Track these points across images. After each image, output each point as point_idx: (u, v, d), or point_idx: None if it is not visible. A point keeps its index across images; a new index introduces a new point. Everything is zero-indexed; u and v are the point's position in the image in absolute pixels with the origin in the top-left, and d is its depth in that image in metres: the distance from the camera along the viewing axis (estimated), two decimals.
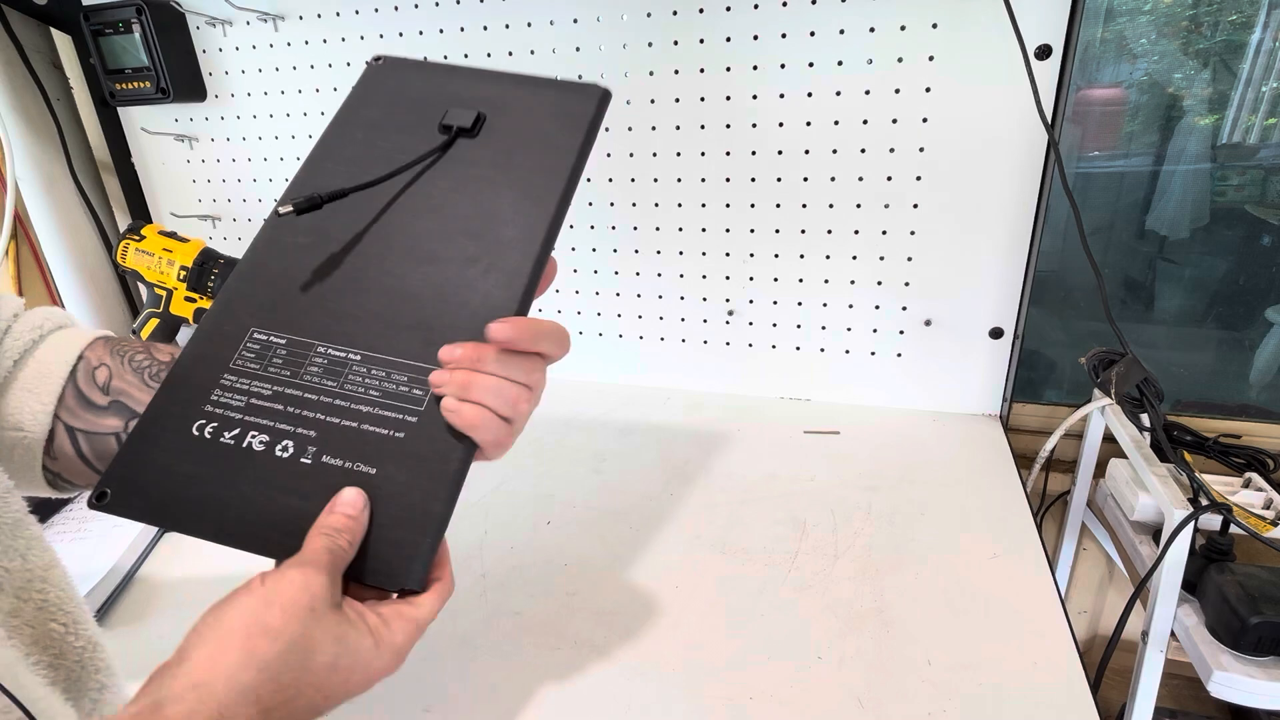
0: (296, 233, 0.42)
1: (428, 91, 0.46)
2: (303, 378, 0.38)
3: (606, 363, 0.92)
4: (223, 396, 0.37)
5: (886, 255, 0.77)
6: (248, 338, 0.39)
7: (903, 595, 0.54)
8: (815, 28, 0.71)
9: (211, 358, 0.39)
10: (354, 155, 0.44)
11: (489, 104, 0.45)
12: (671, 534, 0.62)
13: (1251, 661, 0.56)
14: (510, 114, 0.44)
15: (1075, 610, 0.95)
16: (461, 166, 0.43)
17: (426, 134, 0.44)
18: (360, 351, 0.38)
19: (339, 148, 0.45)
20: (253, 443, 0.36)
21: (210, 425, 0.37)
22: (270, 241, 0.42)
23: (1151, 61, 0.97)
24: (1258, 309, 1.01)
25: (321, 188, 0.41)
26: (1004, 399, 0.80)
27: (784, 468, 0.72)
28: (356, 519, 0.33)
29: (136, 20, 0.87)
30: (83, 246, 1.02)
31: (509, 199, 0.42)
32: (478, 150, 0.43)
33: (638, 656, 0.49)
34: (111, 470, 0.37)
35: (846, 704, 0.45)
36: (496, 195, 0.42)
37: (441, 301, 0.39)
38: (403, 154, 0.43)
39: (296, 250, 0.41)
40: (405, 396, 0.37)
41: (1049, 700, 0.45)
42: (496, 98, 0.45)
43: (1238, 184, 1.02)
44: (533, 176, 0.42)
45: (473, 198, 0.42)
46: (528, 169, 0.42)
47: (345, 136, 0.45)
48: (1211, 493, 0.63)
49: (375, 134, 0.45)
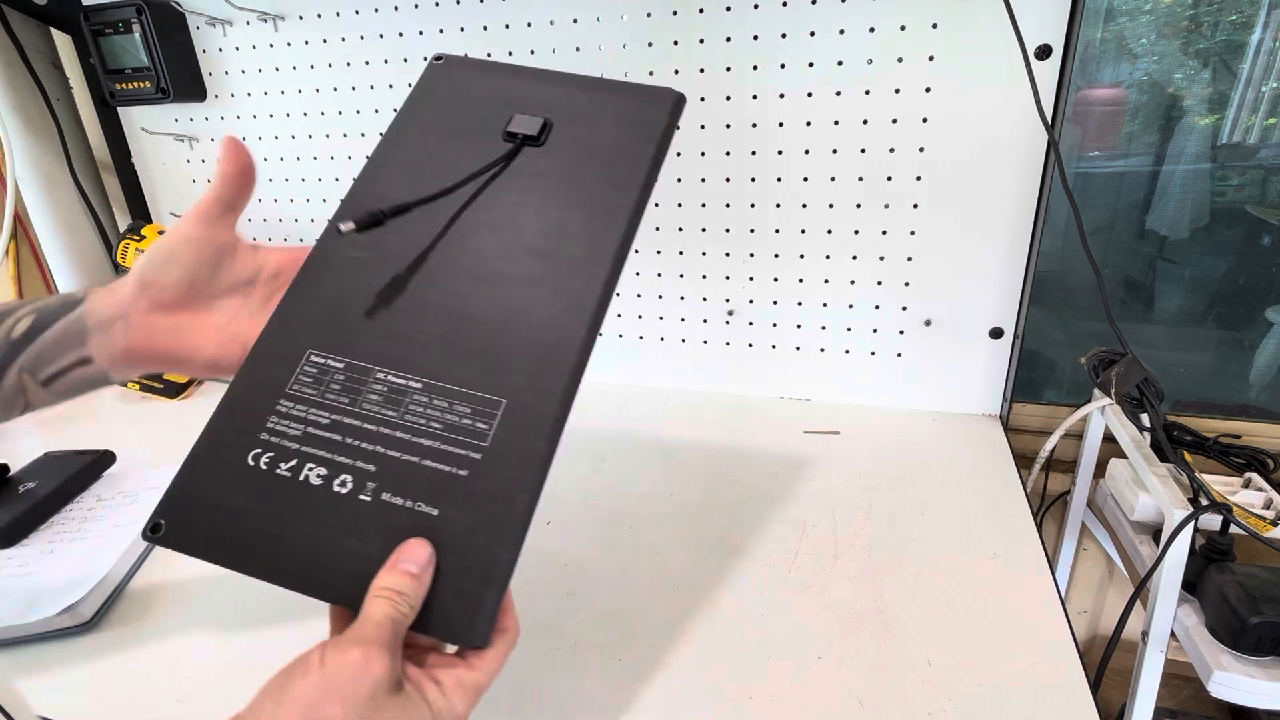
0: (354, 247, 0.40)
1: (491, 94, 0.43)
2: (362, 406, 0.36)
3: (606, 363, 0.92)
4: (279, 424, 0.36)
5: (886, 255, 0.77)
6: (304, 361, 0.37)
7: (903, 595, 0.54)
8: (815, 28, 0.71)
9: (267, 381, 0.37)
10: (414, 162, 0.42)
11: (555, 109, 0.42)
12: (671, 534, 0.62)
13: (1251, 661, 0.56)
14: (578, 121, 0.42)
15: (1075, 610, 0.95)
16: (527, 178, 0.41)
17: (490, 141, 0.42)
18: (422, 379, 0.36)
19: (398, 154, 0.43)
20: (310, 476, 0.34)
21: (266, 455, 0.35)
22: (326, 257, 0.40)
23: (1151, 61, 0.97)
24: (1258, 309, 1.01)
25: (380, 198, 0.40)
26: (1004, 399, 0.80)
27: (784, 468, 0.72)
28: (420, 578, 0.31)
29: (136, 20, 0.87)
30: (83, 246, 1.02)
31: (578, 215, 0.39)
32: (544, 160, 0.41)
33: (638, 656, 0.49)
34: (166, 501, 0.35)
35: (846, 704, 0.45)
36: (564, 210, 0.40)
37: (506, 325, 0.37)
38: (465, 162, 0.41)
39: (354, 266, 0.39)
40: (468, 430, 0.35)
41: (1049, 700, 0.45)
42: (563, 102, 0.42)
43: (1238, 184, 1.02)
44: (603, 190, 0.40)
45: (539, 212, 0.40)
46: (598, 182, 0.40)
47: (404, 142, 0.43)
48: (1211, 493, 0.63)
49: (436, 140, 0.43)
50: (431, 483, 0.34)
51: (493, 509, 0.33)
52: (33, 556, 0.59)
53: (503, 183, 0.41)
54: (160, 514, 0.35)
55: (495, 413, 0.35)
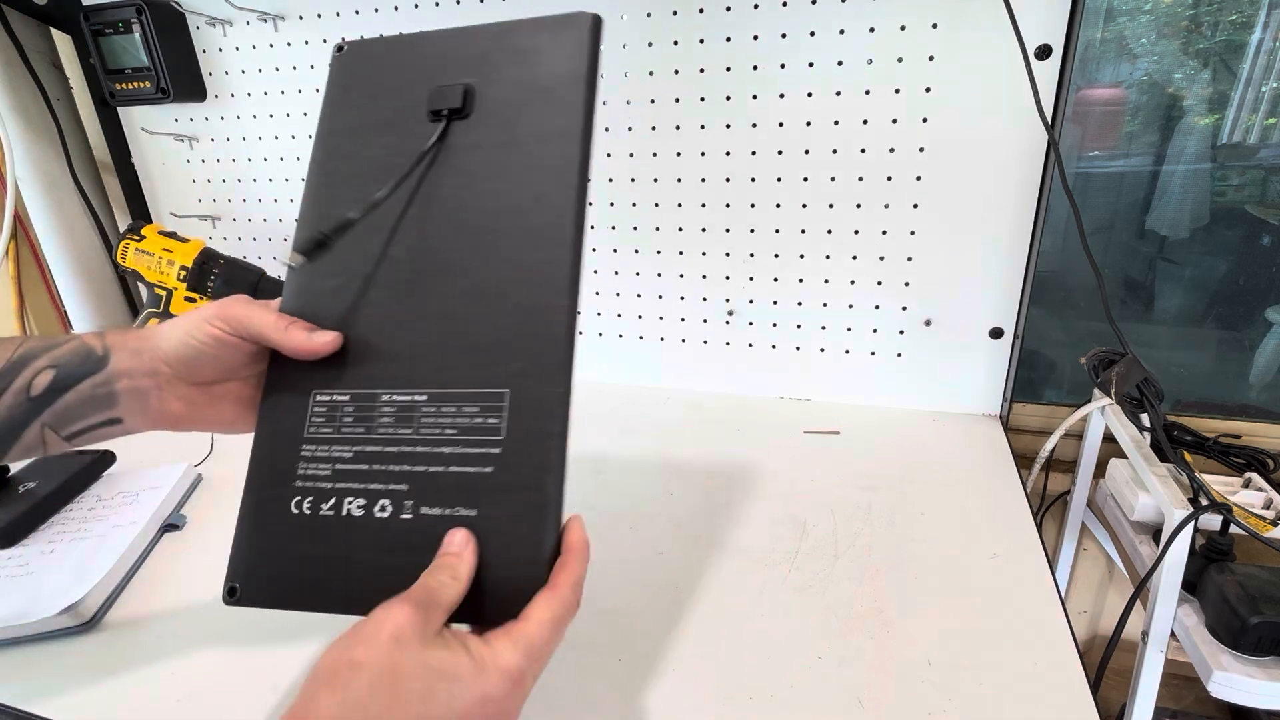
0: (320, 277, 0.40)
1: (403, 72, 0.41)
2: (378, 431, 0.36)
3: (606, 363, 0.92)
4: (308, 468, 0.37)
5: (886, 255, 0.77)
6: (312, 402, 0.38)
7: (903, 595, 0.54)
8: (815, 28, 0.71)
9: (285, 430, 0.38)
10: (348, 170, 0.41)
11: (472, 68, 0.40)
12: (671, 534, 0.62)
13: (1251, 661, 0.56)
14: (499, 75, 0.39)
15: (1075, 610, 0.95)
16: (464, 154, 0.39)
17: (416, 123, 0.40)
18: (424, 390, 0.36)
19: (331, 166, 0.41)
20: (351, 509, 0.36)
21: (307, 500, 0.36)
22: (298, 293, 0.40)
23: (1151, 61, 0.97)
24: (1258, 309, 1.01)
25: (325, 218, 0.39)
26: (1004, 399, 0.80)
27: (784, 468, 0.72)
28: (459, 555, 0.33)
29: (136, 20, 0.87)
30: (83, 246, 1.02)
31: (525, 180, 0.37)
32: (476, 130, 0.39)
33: (638, 656, 0.49)
34: (234, 565, 0.37)
35: (846, 704, 0.45)
36: (511, 179, 0.38)
37: (487, 315, 0.37)
38: (395, 155, 0.39)
39: (327, 296, 0.39)
40: (482, 428, 0.35)
41: (1049, 700, 0.45)
42: (478, 58, 0.40)
43: (1238, 184, 1.02)
44: (542, 146, 0.37)
45: (486, 189, 0.38)
46: (535, 137, 0.38)
47: (333, 150, 0.42)
48: (1211, 493, 0.63)
49: (362, 139, 0.41)
50: (462, 486, 0.35)
51: (524, 498, 0.34)
52: (33, 556, 0.59)
53: (442, 166, 0.39)
54: (232, 578, 0.37)
55: (502, 405, 0.35)
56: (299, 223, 0.41)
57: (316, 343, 0.38)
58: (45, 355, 0.38)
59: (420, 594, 0.30)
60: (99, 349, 0.38)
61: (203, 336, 0.38)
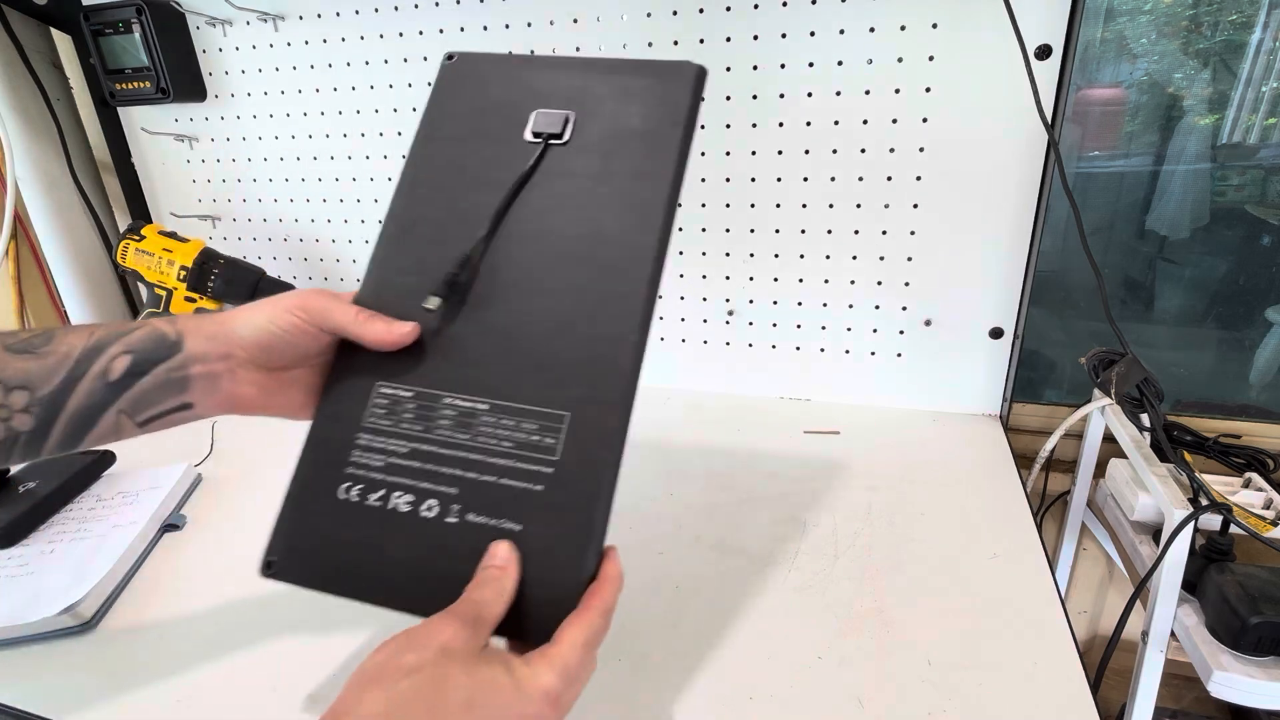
0: (400, 273, 0.40)
1: (508, 90, 0.43)
2: (435, 432, 0.37)
3: None
4: (362, 457, 0.37)
5: (886, 255, 0.77)
6: (375, 393, 0.38)
7: (903, 595, 0.54)
8: (815, 28, 0.71)
9: (344, 416, 0.38)
10: (443, 179, 0.42)
11: (574, 99, 0.41)
12: (671, 534, 0.62)
13: (1251, 661, 0.56)
14: (599, 110, 0.41)
15: (1075, 610, 0.95)
16: (557, 180, 0.40)
17: (514, 143, 0.41)
18: (488, 400, 0.37)
19: (427, 171, 0.43)
20: (398, 504, 0.36)
21: (356, 488, 0.37)
22: (376, 287, 0.41)
23: (1151, 61, 0.97)
24: (1258, 309, 1.01)
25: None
26: (1004, 399, 0.80)
27: (784, 468, 0.72)
28: (504, 569, 0.33)
29: (136, 20, 0.87)
30: (83, 246, 1.02)
31: (613, 213, 0.39)
32: (572, 158, 0.40)
33: (638, 656, 0.49)
34: (275, 539, 0.38)
35: (846, 704, 0.45)
36: (599, 210, 0.39)
37: (559, 338, 0.38)
38: (492, 169, 0.41)
39: (404, 293, 0.40)
40: (538, 446, 0.36)
41: (1049, 700, 0.45)
42: (583, 91, 0.41)
43: (1238, 184, 1.01)
44: (634, 183, 0.39)
45: (574, 216, 0.39)
46: (627, 174, 0.39)
47: (430, 157, 0.43)
48: (1211, 493, 0.63)
49: (460, 150, 0.42)
50: (511, 499, 0.35)
51: (571, 520, 0.34)
52: (33, 556, 0.59)
53: (535, 189, 0.40)
54: (271, 551, 0.37)
55: (561, 426, 0.36)
56: (388, 218, 0.42)
57: (396, 333, 0.38)
58: (119, 341, 0.38)
59: (468, 610, 0.31)
60: (172, 334, 0.39)
61: (283, 324, 0.39)
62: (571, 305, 0.38)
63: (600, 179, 0.39)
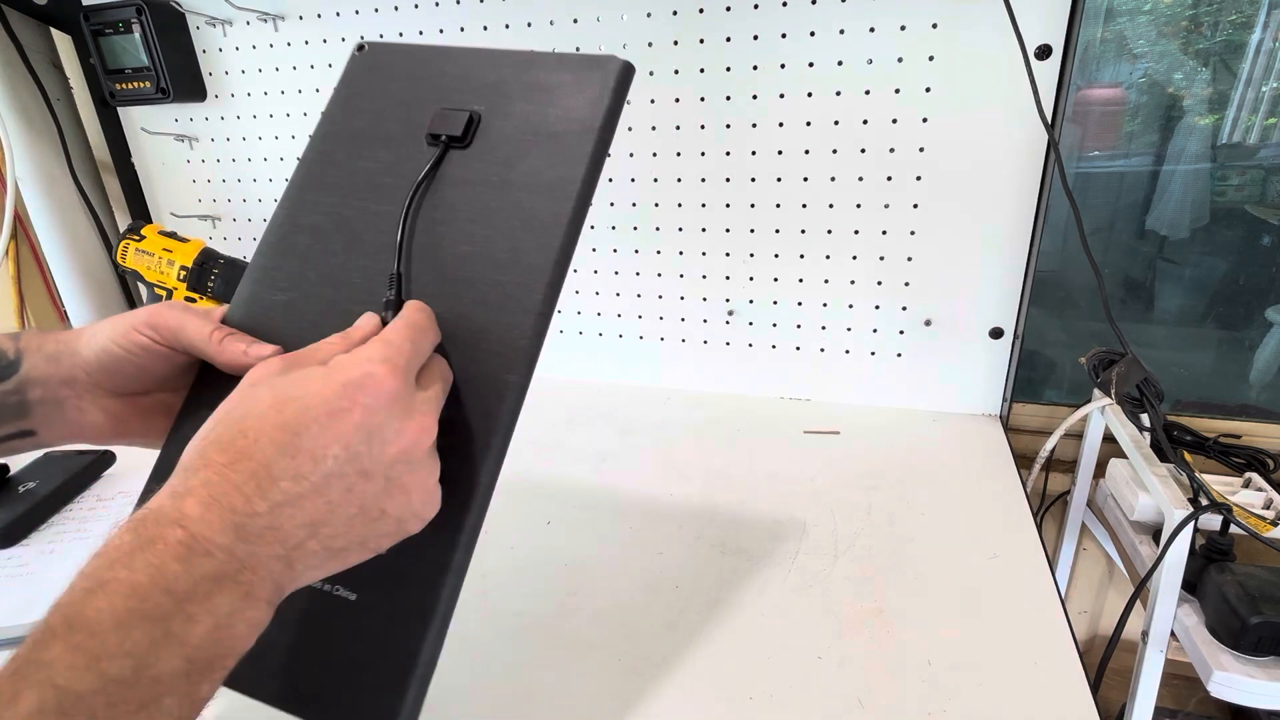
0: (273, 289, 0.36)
1: (417, 85, 0.38)
2: None
3: (606, 363, 0.92)
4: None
5: (886, 255, 0.77)
6: None
7: (903, 595, 0.54)
8: (815, 28, 0.70)
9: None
10: (333, 184, 0.38)
11: (487, 94, 0.37)
12: (671, 534, 0.62)
13: (1251, 661, 0.56)
14: (511, 107, 0.36)
15: (1075, 610, 0.95)
16: (453, 188, 0.36)
17: (413, 144, 0.37)
18: None
19: (318, 173, 0.39)
20: None
21: None
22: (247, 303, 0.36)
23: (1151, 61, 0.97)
24: (1258, 309, 1.01)
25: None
26: (1004, 399, 0.80)
27: (784, 468, 0.72)
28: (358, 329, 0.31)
29: (136, 20, 0.87)
30: (83, 246, 1.02)
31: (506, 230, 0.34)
32: (472, 163, 0.36)
33: (638, 656, 0.49)
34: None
35: (846, 704, 0.45)
36: (492, 226, 0.34)
37: None
38: (386, 173, 0.36)
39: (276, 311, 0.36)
40: None
41: (1049, 700, 0.45)
42: (495, 85, 0.37)
43: (1238, 184, 1.01)
44: (534, 197, 0.34)
45: (464, 231, 0.34)
46: (530, 186, 0.35)
47: (323, 158, 0.39)
48: (1211, 493, 0.63)
49: (358, 151, 0.38)
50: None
51: (413, 594, 0.30)
52: (33, 556, 0.59)
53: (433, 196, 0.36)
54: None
55: None
56: (270, 224, 0.39)
57: (254, 357, 0.33)
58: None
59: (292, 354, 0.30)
60: (10, 353, 0.34)
61: (128, 344, 0.34)
62: (449, 335, 0.33)
63: (498, 190, 0.35)
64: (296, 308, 0.36)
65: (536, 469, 0.74)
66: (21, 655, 0.21)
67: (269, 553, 0.25)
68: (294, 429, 0.26)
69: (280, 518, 0.25)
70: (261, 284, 0.37)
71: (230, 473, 0.25)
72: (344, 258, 0.36)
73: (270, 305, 0.36)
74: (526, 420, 0.34)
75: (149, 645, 0.22)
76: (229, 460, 0.25)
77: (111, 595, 0.22)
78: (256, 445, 0.25)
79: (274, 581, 0.25)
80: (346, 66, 0.41)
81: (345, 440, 0.26)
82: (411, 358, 0.29)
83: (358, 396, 0.27)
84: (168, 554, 0.23)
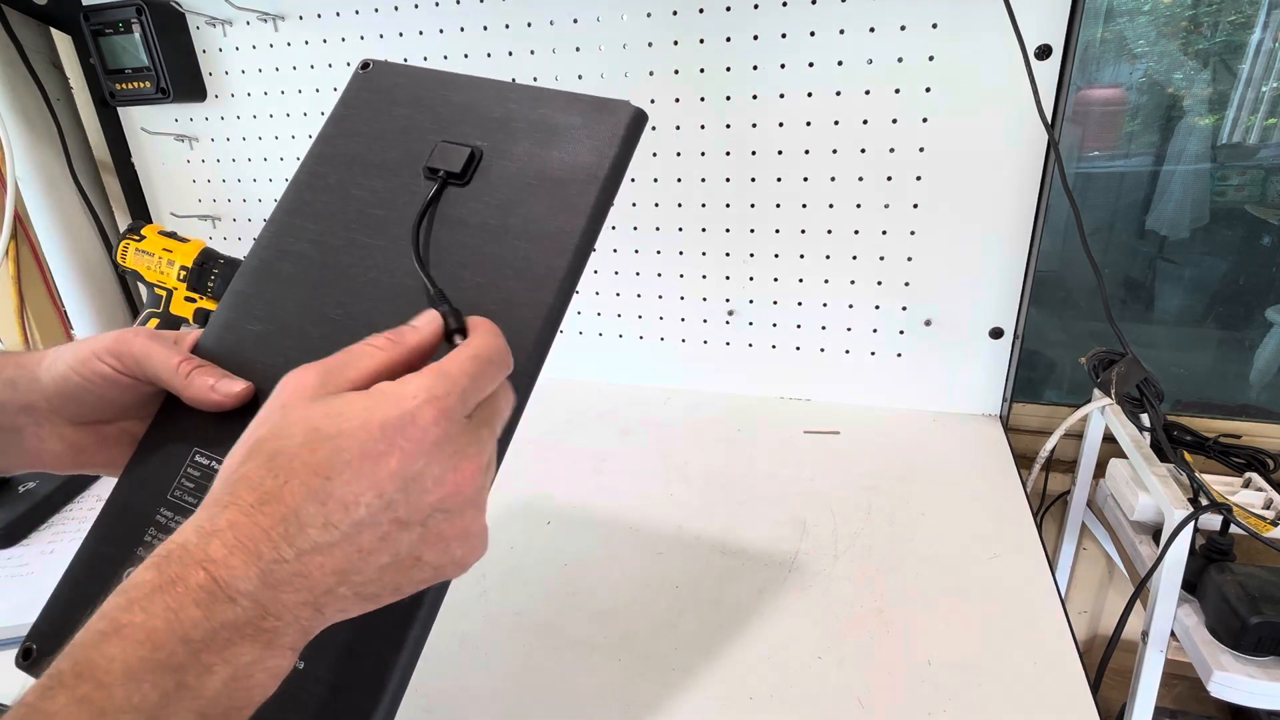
0: (249, 319, 0.34)
1: (420, 112, 0.37)
2: None
3: (606, 363, 0.92)
4: (156, 537, 0.31)
5: (886, 255, 0.77)
6: (188, 461, 0.32)
7: (903, 595, 0.54)
8: (815, 28, 0.71)
9: (150, 484, 0.32)
10: (325, 209, 0.36)
11: (492, 130, 0.35)
12: (671, 534, 0.62)
13: (1251, 661, 0.56)
14: (515, 147, 0.35)
15: (1075, 610, 0.95)
16: (447, 228, 0.34)
17: (410, 176, 0.35)
18: None
19: (309, 197, 0.37)
20: None
21: None
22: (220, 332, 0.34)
23: (1151, 61, 0.97)
24: (1258, 309, 1.01)
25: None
26: (1004, 399, 0.80)
27: (784, 468, 0.72)
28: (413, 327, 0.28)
29: (136, 20, 0.87)
30: (83, 246, 1.02)
31: (498, 280, 0.32)
32: (469, 203, 0.34)
33: (638, 656, 0.49)
34: (41, 622, 0.31)
35: (846, 704, 0.45)
36: (483, 273, 0.32)
37: None
38: (379, 205, 0.35)
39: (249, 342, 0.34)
40: None
41: (1049, 700, 0.45)
42: (500, 121, 0.35)
43: (1238, 184, 1.01)
44: (530, 246, 0.32)
45: (456, 275, 0.32)
46: (527, 235, 0.33)
47: (316, 181, 0.37)
48: (1211, 493, 0.63)
49: (351, 178, 0.36)
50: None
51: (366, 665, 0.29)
52: (33, 556, 0.59)
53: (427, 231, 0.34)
54: (31, 638, 0.31)
55: None
56: (255, 246, 0.36)
57: (219, 394, 0.32)
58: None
59: (332, 359, 0.27)
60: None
61: (88, 373, 0.32)
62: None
63: (494, 235, 0.33)
64: (271, 341, 0.34)
65: (536, 469, 0.74)
66: (28, 701, 0.20)
67: (296, 599, 0.23)
68: (326, 473, 0.24)
69: (309, 565, 0.23)
70: (237, 311, 0.35)
71: (258, 515, 0.23)
72: (326, 291, 0.34)
73: (244, 335, 0.34)
74: (527, 420, 0.33)
75: (159, 698, 0.21)
76: (257, 500, 0.23)
77: (125, 642, 0.21)
78: (287, 487, 0.24)
79: (300, 627, 0.24)
80: (348, 84, 0.39)
81: (380, 488, 0.24)
82: (468, 394, 0.26)
83: (397, 440, 0.24)
84: (188, 598, 0.22)
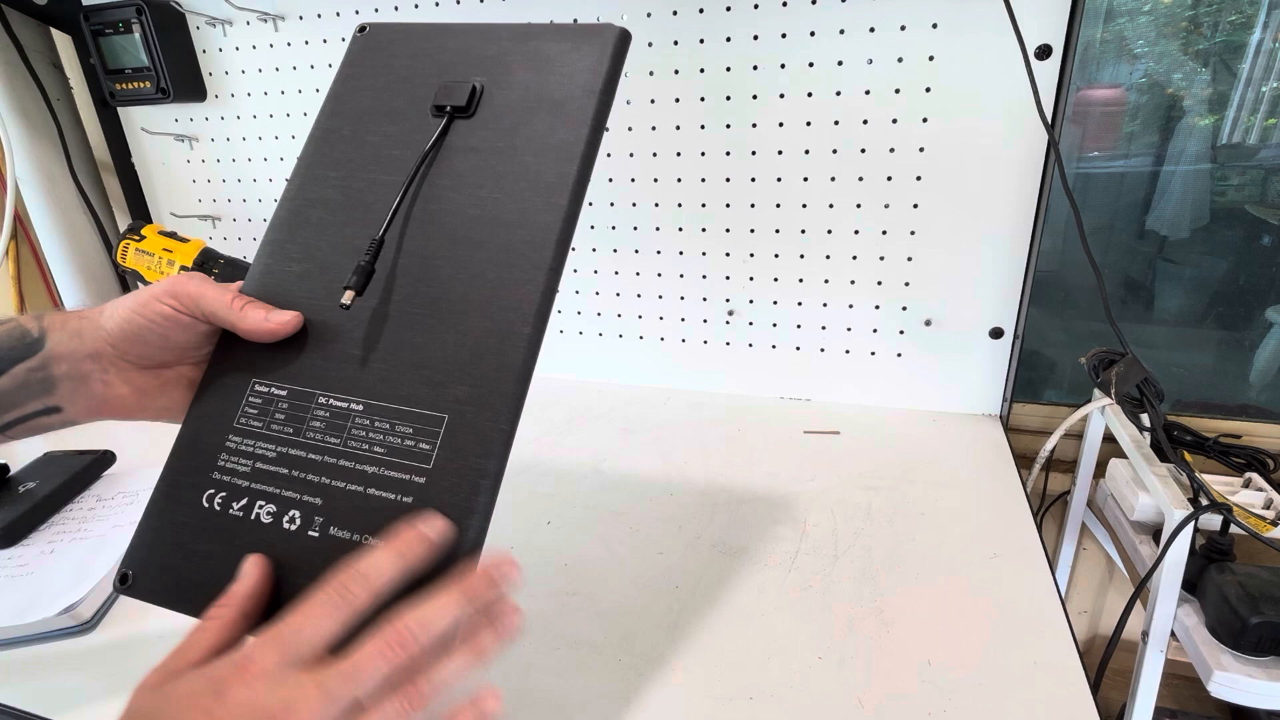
0: (287, 260, 0.38)
1: (419, 61, 0.40)
2: (306, 435, 0.34)
3: (606, 363, 0.92)
4: (229, 461, 0.34)
5: (886, 255, 0.77)
6: (249, 391, 0.35)
7: (903, 595, 0.54)
8: (815, 28, 0.71)
9: (216, 416, 0.35)
10: (342, 159, 0.39)
11: (488, 67, 0.38)
12: (671, 534, 0.62)
13: (1251, 661, 0.56)
14: (513, 77, 0.38)
15: (1075, 610, 0.95)
16: (460, 156, 0.37)
17: (419, 117, 0.38)
18: (362, 400, 0.34)
19: (326, 150, 0.40)
20: (261, 514, 0.33)
21: (220, 495, 0.34)
22: (262, 274, 0.38)
23: (1151, 62, 0.97)
24: (1258, 309, 1.01)
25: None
26: (1004, 399, 0.80)
27: (784, 468, 0.72)
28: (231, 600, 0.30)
29: (136, 20, 0.87)
30: (83, 246, 1.02)
31: (514, 192, 0.35)
32: (477, 132, 0.37)
33: (638, 656, 0.49)
34: (133, 550, 0.34)
35: (846, 704, 0.45)
36: (500, 189, 0.36)
37: (446, 330, 0.34)
38: (394, 146, 0.38)
39: (290, 281, 0.37)
40: (412, 453, 0.32)
41: (1049, 700, 0.45)
42: (494, 58, 0.38)
43: (1238, 184, 1.01)
44: (539, 159, 0.36)
45: (473, 196, 0.36)
46: (535, 150, 0.36)
47: (331, 135, 0.40)
48: (1211, 493, 0.63)
49: (364, 125, 0.40)
50: (377, 513, 0.32)
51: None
52: (33, 556, 0.59)
53: (436, 164, 0.37)
54: (127, 564, 0.34)
55: (438, 430, 0.32)
56: (282, 200, 0.40)
57: (273, 323, 0.35)
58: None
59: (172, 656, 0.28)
60: (35, 330, 0.35)
61: (150, 314, 0.35)
62: (462, 294, 0.34)
63: (505, 154, 0.36)
64: (311, 278, 0.37)
65: (537, 469, 0.74)
66: None
67: None
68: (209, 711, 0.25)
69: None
70: (275, 257, 0.38)
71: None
72: (356, 228, 0.37)
73: (284, 277, 0.37)
74: (527, 420, 0.34)
75: None
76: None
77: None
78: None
79: None
80: (349, 47, 0.42)
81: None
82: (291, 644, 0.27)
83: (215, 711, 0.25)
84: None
